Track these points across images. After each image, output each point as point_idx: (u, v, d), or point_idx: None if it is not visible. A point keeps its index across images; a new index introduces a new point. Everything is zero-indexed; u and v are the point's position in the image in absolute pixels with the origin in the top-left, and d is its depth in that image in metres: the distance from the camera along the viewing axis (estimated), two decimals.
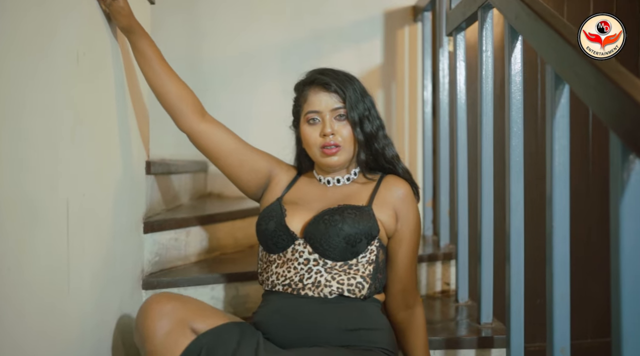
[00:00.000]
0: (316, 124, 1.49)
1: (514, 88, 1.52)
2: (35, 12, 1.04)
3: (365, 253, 1.42)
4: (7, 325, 0.95)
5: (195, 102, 1.59)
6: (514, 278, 1.51)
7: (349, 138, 1.48)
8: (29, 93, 1.02)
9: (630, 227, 0.94)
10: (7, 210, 0.94)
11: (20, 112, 0.98)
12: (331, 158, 1.48)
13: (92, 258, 1.31)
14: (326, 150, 1.47)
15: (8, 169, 0.95)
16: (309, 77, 1.55)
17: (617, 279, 0.95)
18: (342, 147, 1.47)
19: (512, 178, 1.52)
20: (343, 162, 1.50)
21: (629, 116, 0.92)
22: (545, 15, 1.30)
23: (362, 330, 1.38)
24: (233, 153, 1.59)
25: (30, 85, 1.02)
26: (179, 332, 1.26)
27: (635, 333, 0.93)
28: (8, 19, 0.95)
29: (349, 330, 1.36)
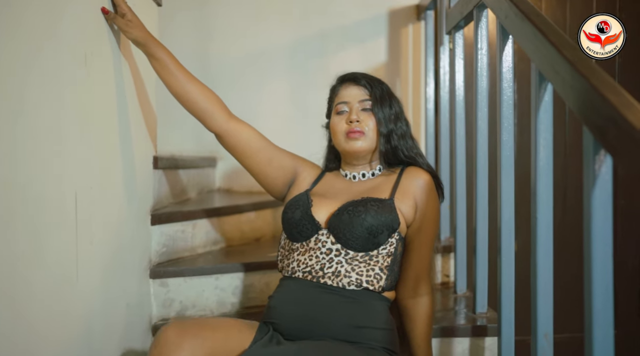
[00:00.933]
0: (344, 114, 1.58)
1: (505, 84, 1.58)
2: (44, 15, 1.12)
3: (385, 245, 1.47)
4: (20, 308, 1.03)
5: (220, 101, 1.65)
6: (505, 270, 1.56)
7: (373, 128, 1.55)
8: (39, 92, 1.10)
9: (600, 214, 1.01)
10: (19, 200, 1.02)
11: (30, 110, 1.06)
12: (355, 142, 1.54)
13: (101, 248, 1.39)
14: (350, 135, 1.54)
15: (19, 163, 1.03)
16: (341, 77, 1.65)
17: (589, 264, 1.01)
18: (366, 134, 1.54)
19: (503, 172, 1.57)
20: (366, 149, 1.56)
21: (600, 113, 0.97)
22: (531, 15, 1.34)
23: (369, 328, 1.43)
24: (262, 151, 1.65)
25: (40, 85, 1.10)
26: None
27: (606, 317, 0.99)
28: (18, 22, 1.03)
29: (358, 326, 1.41)
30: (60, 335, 1.19)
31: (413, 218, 1.53)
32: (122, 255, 1.54)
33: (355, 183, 1.60)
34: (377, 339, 1.43)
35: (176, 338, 1.23)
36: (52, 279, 1.15)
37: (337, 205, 1.52)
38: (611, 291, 1.00)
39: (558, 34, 1.24)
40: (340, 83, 1.64)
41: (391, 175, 1.58)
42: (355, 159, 1.59)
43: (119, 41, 1.55)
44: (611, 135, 0.93)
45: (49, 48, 1.14)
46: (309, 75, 2.78)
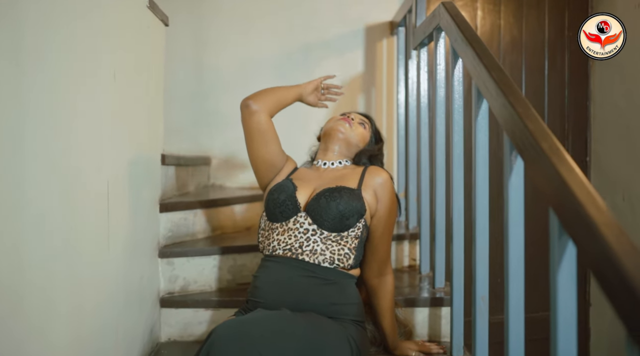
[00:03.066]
0: (344, 115, 2.00)
1: (456, 95, 1.90)
2: (89, 46, 1.43)
3: (354, 228, 1.77)
4: (69, 266, 1.34)
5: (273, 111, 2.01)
6: (456, 252, 1.88)
7: (359, 135, 1.96)
8: (85, 102, 1.41)
9: (515, 198, 1.33)
10: (69, 187, 1.33)
11: (80, 116, 1.37)
12: (342, 126, 1.94)
13: (123, 228, 1.70)
14: (342, 119, 1.94)
15: (74, 156, 1.34)
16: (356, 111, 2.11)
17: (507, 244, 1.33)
18: (352, 128, 1.95)
19: (454, 168, 1.90)
20: (343, 138, 1.94)
21: (513, 122, 1.30)
22: (472, 41, 1.67)
23: (341, 304, 1.73)
24: (277, 141, 1.95)
25: (85, 97, 1.41)
26: None
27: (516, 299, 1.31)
28: (72, 52, 1.34)
29: (332, 303, 1.71)
30: (99, 291, 1.50)
31: (375, 209, 1.84)
32: (138, 236, 1.85)
33: (325, 171, 1.93)
34: (347, 313, 1.73)
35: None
36: (94, 245, 1.47)
37: (312, 188, 1.84)
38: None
39: (490, 57, 1.57)
40: (353, 112, 2.06)
41: (356, 169, 1.91)
42: (333, 142, 1.93)
43: (137, 63, 1.86)
44: (520, 141, 1.26)
45: (91, 69, 1.45)
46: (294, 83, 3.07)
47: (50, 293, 1.23)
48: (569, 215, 1.00)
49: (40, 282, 1.18)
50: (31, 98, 1.14)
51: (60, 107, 1.28)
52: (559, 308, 1.05)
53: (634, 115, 2.92)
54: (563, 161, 1.08)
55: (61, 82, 1.28)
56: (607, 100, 3.13)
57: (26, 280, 1.13)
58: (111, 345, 1.61)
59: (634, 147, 2.93)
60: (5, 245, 1.05)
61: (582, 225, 0.93)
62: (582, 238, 0.94)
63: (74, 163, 1.34)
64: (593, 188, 0.98)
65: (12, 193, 1.07)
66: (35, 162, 1.16)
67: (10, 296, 1.08)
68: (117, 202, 1.62)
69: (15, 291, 1.09)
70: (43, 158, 1.19)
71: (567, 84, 3.26)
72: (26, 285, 1.13)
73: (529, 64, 3.24)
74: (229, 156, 3.05)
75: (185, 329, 2.07)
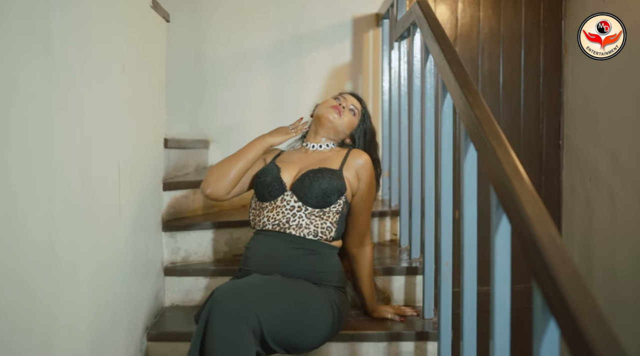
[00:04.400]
0: (337, 100, 2.19)
1: (428, 85, 2.12)
2: (103, 43, 1.66)
3: (335, 205, 2.01)
4: (90, 234, 1.57)
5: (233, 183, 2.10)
6: (428, 226, 2.12)
7: (348, 122, 2.16)
8: (96, 92, 1.63)
9: (469, 177, 1.55)
10: (88, 167, 1.56)
11: (92, 105, 1.60)
12: (332, 114, 2.13)
13: (132, 204, 1.93)
14: (334, 108, 2.14)
15: (87, 141, 1.56)
16: (350, 91, 2.33)
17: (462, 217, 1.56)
18: (342, 116, 2.14)
19: (426, 151, 2.13)
20: (333, 126, 2.13)
21: (466, 111, 1.52)
22: (439, 38, 1.89)
23: (324, 272, 1.97)
24: (248, 174, 2.13)
25: (99, 88, 1.64)
26: None
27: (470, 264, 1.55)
28: (89, 50, 1.56)
29: (317, 271, 1.95)
30: (114, 257, 1.73)
31: (357, 188, 2.07)
32: (145, 211, 2.09)
33: (311, 153, 2.15)
34: (330, 280, 1.97)
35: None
36: (108, 218, 1.70)
37: (297, 169, 2.06)
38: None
39: (453, 53, 1.78)
40: (348, 93, 2.27)
41: (340, 152, 2.14)
42: (323, 128, 2.15)
43: (142, 57, 2.08)
44: (470, 127, 1.48)
45: (104, 63, 1.67)
46: (286, 72, 3.31)
47: (76, 255, 1.47)
48: (502, 190, 1.22)
49: (68, 245, 1.42)
50: (58, 91, 1.36)
51: (80, 97, 1.50)
52: (496, 265, 1.27)
53: (600, 102, 3.15)
54: (501, 144, 1.30)
55: (81, 76, 1.51)
56: (577, 87, 3.36)
57: (58, 242, 1.36)
58: (123, 307, 1.85)
59: (599, 132, 3.16)
60: (43, 215, 1.29)
61: (510, 199, 1.16)
62: (509, 208, 1.17)
63: (90, 147, 1.57)
64: (522, 168, 1.20)
65: (45, 173, 1.30)
66: (61, 147, 1.38)
67: (47, 255, 1.31)
68: (126, 181, 1.85)
69: (51, 251, 1.33)
70: (67, 143, 1.42)
71: (542, 71, 3.49)
72: (58, 246, 1.36)
73: (507, 52, 3.46)
74: (226, 139, 3.27)
75: (186, 295, 2.32)
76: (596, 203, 3.18)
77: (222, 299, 1.62)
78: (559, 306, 0.91)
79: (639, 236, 2.85)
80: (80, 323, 1.51)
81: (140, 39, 2.07)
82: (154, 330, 2.08)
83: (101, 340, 1.64)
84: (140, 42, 2.07)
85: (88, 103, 1.55)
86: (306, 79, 3.26)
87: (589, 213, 3.26)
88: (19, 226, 1.19)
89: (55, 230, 1.35)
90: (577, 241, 3.38)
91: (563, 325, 0.90)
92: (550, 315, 0.97)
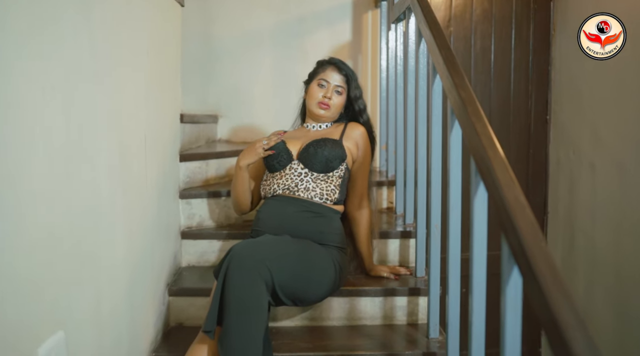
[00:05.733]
0: (322, 88, 2.37)
1: (421, 65, 2.33)
2: (132, 32, 1.87)
3: (337, 170, 2.26)
4: (124, 196, 1.80)
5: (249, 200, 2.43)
6: (420, 194, 2.35)
7: (337, 106, 2.37)
8: (126, 72, 1.84)
9: (455, 149, 1.77)
10: (122, 140, 1.78)
11: (121, 83, 1.81)
12: (322, 111, 2.36)
13: (155, 173, 2.15)
14: (321, 105, 2.35)
15: (120, 116, 1.78)
16: (331, 59, 2.44)
17: (449, 185, 1.78)
18: (330, 108, 2.35)
19: (419, 126, 2.35)
20: (329, 117, 2.38)
21: (452, 90, 1.73)
22: (430, 24, 2.08)
23: (327, 233, 2.21)
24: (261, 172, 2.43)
25: (127, 69, 1.85)
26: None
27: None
28: (120, 40, 1.77)
29: (321, 232, 2.19)
30: (141, 220, 1.96)
31: (357, 155, 2.32)
32: (165, 180, 2.31)
33: (313, 131, 2.39)
34: (332, 240, 2.21)
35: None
36: (137, 182, 1.93)
37: (301, 143, 2.30)
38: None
39: (443, 38, 1.98)
40: (327, 64, 2.42)
41: (339, 126, 2.37)
42: (319, 120, 2.38)
43: (162, 40, 2.29)
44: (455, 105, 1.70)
45: (131, 47, 1.88)
46: (290, 51, 3.51)
47: (114, 217, 1.70)
48: (479, 159, 1.44)
49: (108, 207, 1.64)
50: (100, 71, 1.58)
51: (116, 77, 1.72)
52: (475, 223, 1.49)
53: (583, 81, 3.36)
54: (480, 120, 1.51)
55: (115, 59, 1.72)
56: (564, 66, 3.56)
57: (101, 205, 1.59)
58: (150, 264, 2.08)
59: (582, 109, 3.38)
60: (88, 179, 1.51)
61: (485, 166, 1.38)
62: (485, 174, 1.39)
63: (123, 122, 1.79)
64: (497, 141, 1.42)
65: (92, 141, 1.52)
66: (105, 123, 1.61)
67: (93, 217, 1.54)
68: (150, 152, 2.07)
69: (96, 213, 1.56)
70: (107, 119, 1.64)
71: (531, 50, 3.69)
72: (101, 208, 1.59)
73: (498, 32, 3.66)
74: (233, 114, 3.48)
75: (201, 256, 2.56)
76: (578, 175, 3.42)
77: (239, 255, 1.85)
78: (520, 252, 1.12)
79: (615, 207, 3.09)
80: (118, 276, 1.75)
81: (160, 24, 2.28)
82: (174, 286, 2.33)
83: (134, 292, 1.88)
84: (160, 27, 2.27)
85: (122, 83, 1.77)
86: (308, 58, 3.42)
87: (572, 184, 3.50)
88: (73, 192, 1.41)
89: (99, 194, 1.57)
90: (562, 210, 3.62)
91: (522, 268, 1.11)
92: (514, 262, 1.16)
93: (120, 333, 1.76)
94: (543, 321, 0.97)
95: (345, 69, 2.39)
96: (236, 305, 1.80)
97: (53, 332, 1.27)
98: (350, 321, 2.31)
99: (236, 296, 1.80)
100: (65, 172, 1.35)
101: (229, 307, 1.80)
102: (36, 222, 1.21)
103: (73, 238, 1.40)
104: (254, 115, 3.48)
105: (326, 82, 2.37)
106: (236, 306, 1.80)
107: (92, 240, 1.54)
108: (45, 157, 1.25)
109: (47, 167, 1.26)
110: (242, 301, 1.80)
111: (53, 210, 1.29)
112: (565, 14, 3.54)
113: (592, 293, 3.29)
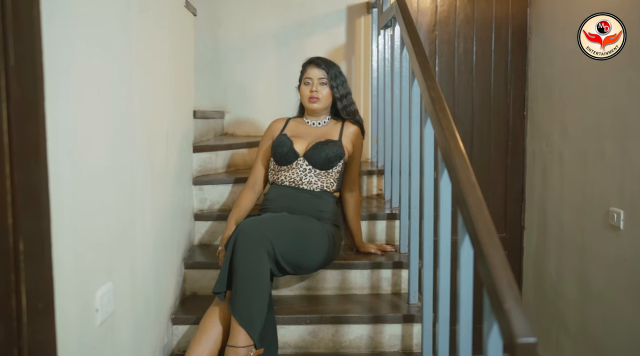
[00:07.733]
0: (308, 85, 2.71)
1: (404, 68, 2.68)
2: (158, 41, 2.22)
3: (336, 166, 2.62)
4: (151, 178, 2.14)
5: (254, 197, 2.75)
6: (404, 180, 2.70)
7: (326, 96, 2.70)
8: (153, 75, 2.19)
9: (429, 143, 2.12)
10: (150, 133, 2.13)
11: (149, 84, 2.16)
12: (313, 104, 2.70)
13: (175, 161, 2.50)
14: (311, 99, 2.69)
15: (149, 113, 2.12)
16: (309, 59, 2.78)
17: (422, 175, 2.13)
18: (320, 99, 2.69)
19: (403, 120, 2.70)
20: (320, 108, 2.71)
21: (425, 92, 2.07)
22: (410, 34, 2.42)
23: (324, 211, 2.57)
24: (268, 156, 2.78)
25: (153, 71, 2.19)
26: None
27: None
28: (150, 45, 2.12)
29: (320, 210, 2.56)
30: (164, 202, 2.31)
31: (351, 151, 2.68)
32: (182, 168, 2.67)
33: (315, 128, 2.73)
34: (328, 218, 2.57)
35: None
36: (161, 169, 2.28)
37: (307, 142, 2.65)
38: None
39: (420, 46, 2.32)
40: (307, 64, 2.76)
41: (337, 124, 2.72)
42: (313, 113, 2.73)
43: (179, 46, 2.64)
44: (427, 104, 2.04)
45: (157, 54, 2.23)
46: (290, 52, 3.85)
47: (144, 197, 2.04)
48: (443, 149, 1.78)
49: (140, 188, 1.99)
50: (135, 72, 1.92)
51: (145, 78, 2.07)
52: (442, 201, 1.83)
53: (553, 80, 3.71)
54: (445, 116, 1.86)
55: (144, 64, 2.07)
56: (538, 66, 3.92)
57: (136, 184, 1.93)
58: (169, 241, 2.43)
59: (553, 106, 3.73)
60: (125, 166, 1.85)
61: (447, 155, 1.72)
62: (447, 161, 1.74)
63: (151, 117, 2.14)
64: (458, 134, 1.76)
65: (129, 131, 1.87)
66: (138, 119, 1.95)
67: (129, 196, 1.89)
68: (171, 144, 2.42)
69: (132, 193, 1.90)
70: (140, 115, 1.98)
71: (510, 52, 4.04)
72: (135, 189, 1.94)
73: (479, 35, 4.00)
74: (238, 110, 3.84)
75: (212, 235, 2.91)
76: (550, 165, 3.78)
77: (245, 229, 2.21)
78: (469, 222, 1.45)
79: (579, 192, 3.45)
80: (147, 246, 2.10)
81: (178, 33, 2.63)
82: (189, 260, 2.68)
83: (159, 261, 2.24)
84: (178, 36, 2.62)
85: (149, 84, 2.12)
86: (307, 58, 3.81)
87: (545, 173, 3.86)
88: (117, 173, 1.76)
89: (134, 176, 1.92)
90: (537, 197, 3.98)
91: (471, 235, 1.42)
92: (466, 231, 1.49)
93: (148, 294, 2.11)
94: (483, 280, 1.28)
95: (322, 62, 2.71)
96: (242, 271, 2.15)
97: (104, 282, 1.62)
98: (342, 291, 2.66)
99: (242, 264, 2.15)
100: (112, 158, 1.70)
101: (236, 273, 2.16)
102: (98, 197, 1.57)
103: (117, 210, 1.75)
104: (257, 111, 3.83)
105: (310, 79, 2.70)
106: (242, 272, 2.15)
107: (129, 212, 1.88)
108: (100, 147, 1.60)
109: (102, 154, 1.61)
110: (247, 268, 2.16)
111: (105, 189, 1.64)
112: (539, 19, 3.89)
113: (562, 272, 3.65)
